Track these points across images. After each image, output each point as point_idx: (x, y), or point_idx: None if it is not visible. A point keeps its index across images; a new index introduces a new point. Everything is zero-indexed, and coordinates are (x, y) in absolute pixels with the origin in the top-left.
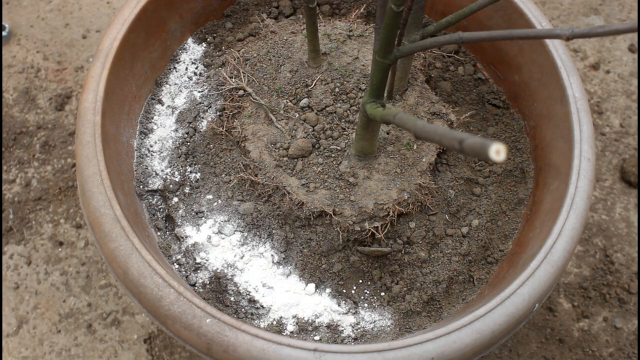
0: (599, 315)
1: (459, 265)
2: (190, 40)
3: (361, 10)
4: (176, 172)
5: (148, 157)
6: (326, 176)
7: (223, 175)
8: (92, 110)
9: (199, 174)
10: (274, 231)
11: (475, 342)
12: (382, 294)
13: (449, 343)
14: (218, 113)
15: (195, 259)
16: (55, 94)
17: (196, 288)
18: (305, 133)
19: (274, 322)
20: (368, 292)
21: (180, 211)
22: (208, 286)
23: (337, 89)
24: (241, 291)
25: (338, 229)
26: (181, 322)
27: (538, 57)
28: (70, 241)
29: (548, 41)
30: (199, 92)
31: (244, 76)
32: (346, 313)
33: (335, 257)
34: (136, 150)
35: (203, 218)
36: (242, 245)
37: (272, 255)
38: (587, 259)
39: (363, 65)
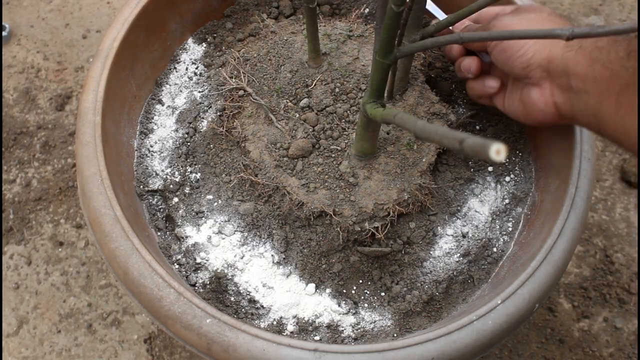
0: (599, 315)
1: (459, 265)
2: (190, 41)
3: (361, 10)
4: (176, 172)
5: (148, 157)
6: (326, 176)
7: (223, 175)
8: (93, 110)
9: (199, 174)
10: (274, 231)
11: (476, 342)
12: (382, 294)
13: (449, 343)
14: (218, 113)
15: (195, 259)
16: (55, 94)
17: (196, 288)
18: (305, 133)
19: (274, 322)
20: (368, 292)
21: (180, 211)
22: (208, 286)
23: (337, 89)
24: (241, 291)
25: (338, 229)
26: (181, 322)
27: None
28: (71, 241)
29: None
30: (199, 92)
31: (244, 76)
32: (346, 313)
33: (335, 257)
34: (136, 150)
35: (203, 218)
36: (242, 245)
37: (272, 255)
38: (587, 259)
39: (363, 65)
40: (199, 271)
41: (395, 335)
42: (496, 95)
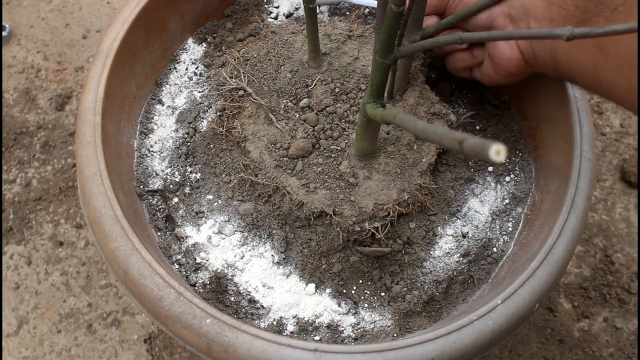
0: (599, 315)
1: (459, 265)
2: (190, 41)
3: (361, 10)
4: (176, 172)
5: (148, 157)
6: (326, 176)
7: (223, 175)
8: (93, 110)
9: (199, 174)
10: (274, 231)
11: (476, 342)
12: (382, 294)
13: (449, 343)
14: (218, 113)
15: (195, 259)
16: (55, 94)
17: (196, 288)
18: (306, 133)
19: (274, 322)
20: (368, 292)
21: (180, 211)
22: (208, 286)
23: (337, 89)
24: (241, 291)
25: (338, 229)
26: (181, 322)
27: None
28: (71, 241)
29: None
30: (199, 92)
31: (244, 76)
32: (346, 313)
33: (335, 257)
34: (136, 150)
35: (203, 218)
36: (242, 245)
37: (272, 255)
38: (587, 259)
39: (363, 65)
40: (199, 271)
41: (395, 335)
42: (475, 67)
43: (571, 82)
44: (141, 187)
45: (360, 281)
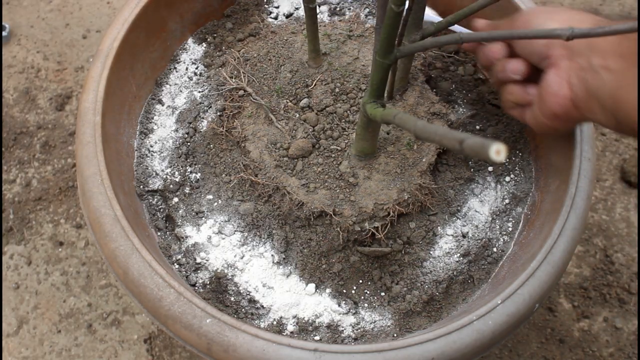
0: (599, 315)
1: (459, 265)
2: (190, 41)
3: (361, 10)
4: (176, 172)
5: (148, 157)
6: (326, 176)
7: (223, 175)
8: (93, 110)
9: (199, 174)
10: (274, 231)
11: (476, 342)
12: (382, 294)
13: (449, 343)
14: (218, 113)
15: (195, 259)
16: (55, 94)
17: (196, 288)
18: (306, 133)
19: (274, 322)
20: (368, 292)
21: (180, 211)
22: (208, 286)
23: (337, 89)
24: (241, 291)
25: (338, 229)
26: (181, 322)
27: None
28: (71, 241)
29: None
30: (199, 92)
31: (244, 76)
32: (346, 313)
33: (335, 257)
34: (136, 150)
35: (203, 218)
36: (242, 245)
37: (272, 255)
38: (587, 259)
39: (363, 65)
40: (199, 271)
41: (395, 335)
42: (526, 107)
43: (627, 130)
44: (141, 187)
45: (360, 281)
